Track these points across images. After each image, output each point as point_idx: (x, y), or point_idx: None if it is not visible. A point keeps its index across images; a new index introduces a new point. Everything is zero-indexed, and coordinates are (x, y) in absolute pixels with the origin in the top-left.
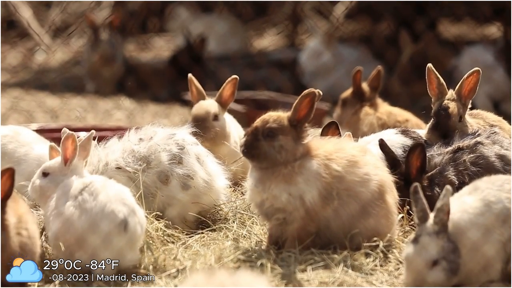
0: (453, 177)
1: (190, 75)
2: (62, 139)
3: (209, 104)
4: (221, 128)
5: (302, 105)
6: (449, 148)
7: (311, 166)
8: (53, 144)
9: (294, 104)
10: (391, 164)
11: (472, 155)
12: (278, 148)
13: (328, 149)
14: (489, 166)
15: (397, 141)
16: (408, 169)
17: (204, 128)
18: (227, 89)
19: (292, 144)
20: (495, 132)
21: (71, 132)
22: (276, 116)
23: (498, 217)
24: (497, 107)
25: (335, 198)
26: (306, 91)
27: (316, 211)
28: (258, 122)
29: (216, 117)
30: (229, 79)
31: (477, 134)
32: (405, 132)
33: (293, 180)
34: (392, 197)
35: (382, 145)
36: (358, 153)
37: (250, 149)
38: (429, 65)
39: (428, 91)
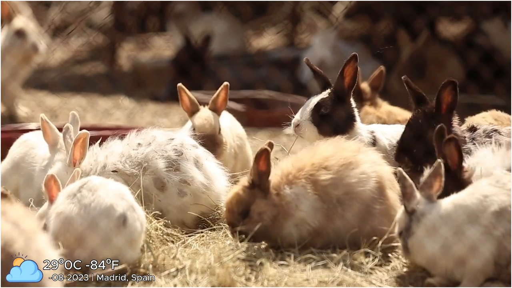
0: None
1: (180, 84)
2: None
3: (211, 118)
4: (225, 139)
5: (260, 162)
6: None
7: (298, 195)
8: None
9: (252, 165)
10: (417, 100)
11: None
12: (257, 217)
13: (314, 163)
14: None
15: None
16: (439, 105)
17: (215, 145)
18: (221, 96)
19: (265, 203)
20: (496, 130)
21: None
22: (235, 196)
23: (491, 211)
24: None
25: (337, 205)
26: (259, 151)
27: (324, 226)
28: (227, 216)
29: (219, 130)
30: (222, 86)
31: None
32: None
33: (291, 215)
34: (394, 190)
35: (407, 82)
36: (351, 154)
37: (236, 232)
38: None
39: None
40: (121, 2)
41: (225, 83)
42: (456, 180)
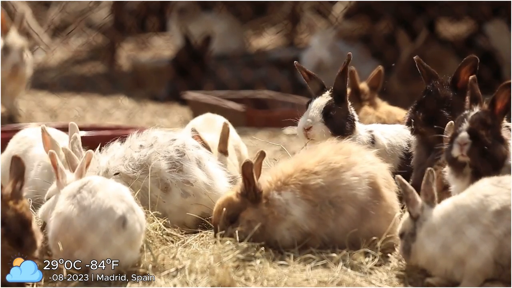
0: None
1: (192, 127)
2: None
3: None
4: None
5: (245, 176)
6: None
7: (287, 200)
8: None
9: (241, 178)
10: (429, 78)
11: None
12: (246, 225)
13: (305, 168)
14: None
15: (404, 134)
16: (456, 80)
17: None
18: (225, 137)
19: (255, 212)
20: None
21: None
22: (228, 200)
23: (492, 210)
24: None
25: (331, 207)
26: (243, 165)
27: (317, 230)
28: (214, 216)
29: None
30: (224, 127)
31: None
32: None
33: (281, 219)
34: (390, 188)
35: (420, 61)
36: (343, 156)
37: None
38: None
39: None
40: (121, 2)
41: (225, 122)
42: (495, 124)
